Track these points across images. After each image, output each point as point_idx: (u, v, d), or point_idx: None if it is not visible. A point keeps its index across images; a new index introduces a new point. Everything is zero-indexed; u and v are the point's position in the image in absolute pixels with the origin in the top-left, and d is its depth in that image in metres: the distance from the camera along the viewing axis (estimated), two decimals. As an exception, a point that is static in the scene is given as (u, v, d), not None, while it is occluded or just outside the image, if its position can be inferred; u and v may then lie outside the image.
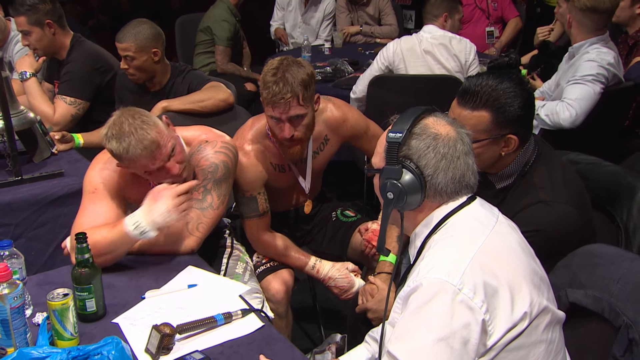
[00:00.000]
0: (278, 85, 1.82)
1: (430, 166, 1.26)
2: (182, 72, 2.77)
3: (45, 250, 2.28)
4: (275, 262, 2.13)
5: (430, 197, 1.29)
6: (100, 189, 1.81)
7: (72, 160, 2.51)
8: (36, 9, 2.78)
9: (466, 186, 1.30)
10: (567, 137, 2.62)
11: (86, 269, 1.50)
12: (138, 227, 1.68)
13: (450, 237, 1.26)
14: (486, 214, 1.31)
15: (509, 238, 1.29)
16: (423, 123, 1.29)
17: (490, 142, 1.61)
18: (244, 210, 2.07)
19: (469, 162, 1.30)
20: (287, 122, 1.88)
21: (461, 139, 1.29)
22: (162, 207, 1.69)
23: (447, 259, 1.21)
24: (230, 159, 1.92)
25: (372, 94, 3.14)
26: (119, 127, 1.71)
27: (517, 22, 4.63)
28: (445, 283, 1.17)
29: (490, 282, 1.18)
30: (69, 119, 2.83)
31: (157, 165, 1.74)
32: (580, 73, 2.64)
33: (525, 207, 1.59)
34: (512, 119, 1.58)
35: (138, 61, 2.63)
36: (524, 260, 1.27)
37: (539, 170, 1.65)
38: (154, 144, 1.71)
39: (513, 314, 1.19)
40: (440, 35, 3.20)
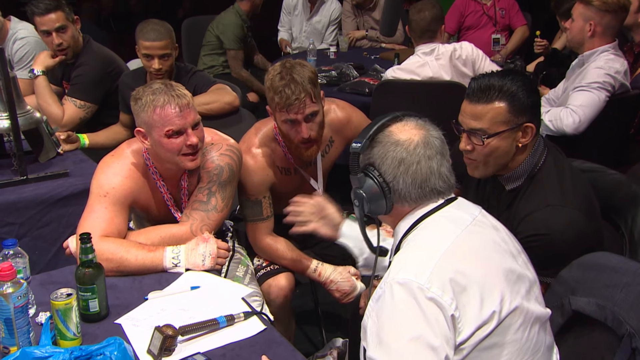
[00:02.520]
0: (289, 87, 1.84)
1: (389, 172, 1.30)
2: (188, 73, 2.78)
3: (49, 249, 2.29)
4: (276, 265, 2.13)
5: (397, 202, 1.32)
6: (112, 195, 1.80)
7: (77, 160, 2.51)
8: (66, 4, 2.79)
9: (432, 191, 1.31)
10: (571, 144, 2.62)
11: (90, 270, 1.50)
12: (175, 260, 1.73)
13: (420, 239, 1.29)
14: (460, 215, 1.32)
15: (483, 237, 1.30)
16: (387, 130, 1.32)
17: (508, 134, 1.61)
18: (247, 213, 2.07)
19: (433, 166, 1.30)
20: (303, 122, 1.89)
21: (426, 142, 1.30)
22: (204, 250, 1.75)
23: (415, 260, 1.24)
24: (235, 161, 1.92)
25: (376, 99, 3.14)
26: (151, 83, 1.81)
27: (525, 31, 4.62)
28: (412, 282, 1.19)
29: (458, 281, 1.20)
30: (77, 121, 2.84)
31: (181, 123, 1.75)
32: (587, 80, 2.63)
33: (534, 211, 1.58)
34: (526, 105, 1.61)
35: (172, 58, 2.67)
36: (497, 258, 1.27)
37: (549, 173, 1.65)
38: (185, 98, 1.76)
39: (482, 312, 1.20)
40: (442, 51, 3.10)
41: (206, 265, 1.75)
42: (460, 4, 4.64)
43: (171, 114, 1.74)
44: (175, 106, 1.74)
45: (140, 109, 1.77)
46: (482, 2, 4.61)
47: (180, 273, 1.74)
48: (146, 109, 1.75)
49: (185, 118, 1.75)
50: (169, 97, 1.74)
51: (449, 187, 1.33)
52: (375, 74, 3.71)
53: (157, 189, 1.90)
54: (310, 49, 4.32)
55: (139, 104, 1.77)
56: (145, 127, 1.79)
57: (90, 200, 1.82)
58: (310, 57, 4.18)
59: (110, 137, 2.81)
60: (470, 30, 4.64)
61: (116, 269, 1.70)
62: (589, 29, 2.65)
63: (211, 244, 1.77)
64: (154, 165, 1.87)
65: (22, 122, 2.25)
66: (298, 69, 1.87)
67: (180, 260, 1.74)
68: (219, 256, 1.78)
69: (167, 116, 1.74)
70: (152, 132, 1.78)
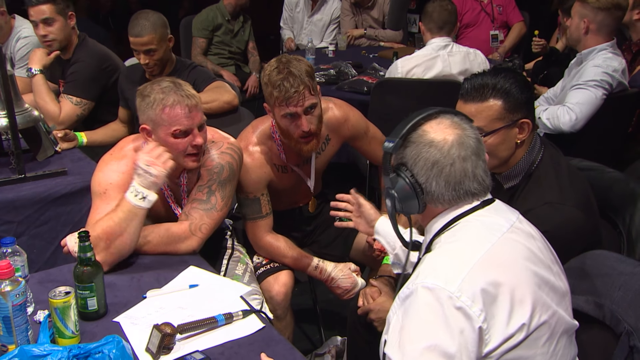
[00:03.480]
0: (288, 80, 1.84)
1: (422, 174, 1.26)
2: (187, 67, 2.77)
3: (47, 248, 2.28)
4: (276, 263, 2.13)
5: (430, 203, 1.29)
6: (111, 189, 1.80)
7: (75, 158, 2.51)
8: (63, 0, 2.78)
9: (467, 193, 1.27)
10: (569, 142, 2.62)
11: (88, 268, 1.50)
12: (137, 193, 1.70)
13: (454, 242, 1.26)
14: (497, 220, 1.28)
15: (519, 246, 1.26)
16: (421, 129, 1.28)
17: (505, 131, 1.62)
18: (246, 211, 2.07)
19: (468, 167, 1.26)
20: (303, 115, 1.90)
21: (461, 142, 1.26)
22: (141, 168, 1.71)
23: (447, 265, 1.21)
24: (236, 160, 1.92)
25: (375, 98, 3.14)
26: (160, 80, 1.79)
27: (521, 27, 4.63)
28: (442, 290, 1.16)
29: (490, 291, 1.17)
30: (74, 118, 2.83)
31: (189, 124, 1.75)
32: (584, 78, 2.64)
33: (532, 208, 1.58)
34: (520, 101, 1.61)
35: (159, 53, 2.65)
36: (531, 269, 1.24)
37: (546, 171, 1.65)
38: (194, 99, 1.77)
39: (510, 324, 1.18)
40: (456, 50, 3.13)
41: (157, 173, 1.70)
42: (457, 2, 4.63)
43: (180, 114, 1.74)
44: (185, 107, 1.74)
45: (148, 107, 1.76)
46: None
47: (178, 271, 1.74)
48: (154, 106, 1.75)
49: (193, 119, 1.76)
50: (178, 97, 1.74)
51: (484, 189, 1.29)
52: (373, 72, 3.71)
53: None
54: (309, 47, 4.33)
55: (146, 101, 1.76)
56: (151, 125, 1.79)
57: (92, 201, 1.83)
58: (308, 56, 4.19)
59: (108, 135, 2.82)
60: (469, 28, 4.64)
61: (111, 240, 1.67)
62: (583, 27, 2.66)
63: (140, 158, 1.72)
64: None
65: (20, 121, 2.25)
66: (295, 63, 1.88)
67: (140, 190, 1.70)
68: (157, 156, 1.72)
69: (176, 116, 1.74)
70: (158, 130, 1.78)
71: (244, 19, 4.73)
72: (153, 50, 2.63)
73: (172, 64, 2.75)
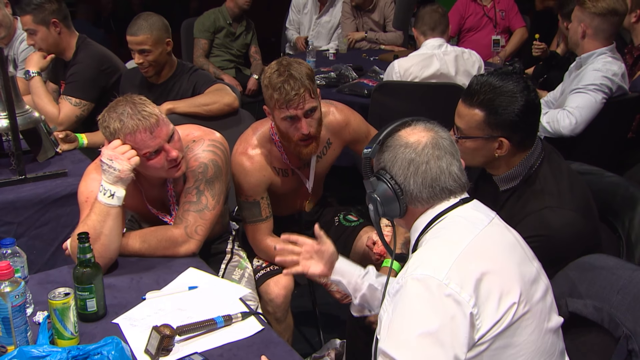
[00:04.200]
0: (288, 83, 1.84)
1: (400, 174, 1.32)
2: (188, 70, 2.78)
3: (47, 249, 2.29)
4: (276, 266, 2.11)
5: (410, 204, 1.34)
6: (92, 197, 1.78)
7: (75, 160, 2.51)
8: (42, 7, 2.79)
9: (443, 190, 1.32)
10: (568, 146, 2.62)
11: (88, 269, 1.50)
12: (105, 191, 1.69)
13: (438, 236, 1.30)
14: (478, 215, 1.33)
15: (500, 238, 1.32)
16: (397, 135, 1.35)
17: (483, 141, 1.63)
18: (246, 215, 2.07)
19: (443, 165, 1.31)
20: (303, 118, 1.90)
21: (435, 143, 1.32)
22: (104, 165, 1.69)
23: (433, 256, 1.25)
24: (220, 156, 1.90)
25: (375, 100, 3.14)
26: (115, 105, 1.73)
27: (523, 33, 4.63)
28: (431, 278, 1.20)
29: (477, 277, 1.20)
30: (73, 119, 2.84)
31: (156, 143, 1.71)
32: (584, 82, 2.64)
33: (531, 213, 1.59)
34: (504, 123, 1.60)
35: (154, 54, 2.65)
36: (515, 259, 1.29)
37: (545, 174, 1.65)
38: (152, 117, 1.70)
39: (500, 306, 1.21)
40: (451, 49, 3.19)
41: (120, 168, 1.68)
42: (460, 6, 4.66)
43: (143, 138, 1.69)
44: (145, 129, 1.68)
45: (112, 137, 1.72)
46: (483, 3, 4.63)
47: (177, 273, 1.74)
48: (117, 136, 1.71)
49: (158, 137, 1.71)
50: (136, 122, 1.68)
51: (460, 186, 1.34)
52: (374, 75, 3.72)
53: (139, 192, 1.89)
54: (310, 50, 4.33)
55: (108, 131, 1.73)
56: None
57: (80, 213, 1.83)
58: (309, 58, 4.20)
59: None
60: (471, 32, 4.65)
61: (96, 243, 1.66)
62: (580, 31, 2.67)
63: (103, 154, 1.70)
64: (137, 171, 1.84)
65: (20, 122, 2.25)
66: (295, 66, 1.88)
67: (107, 187, 1.69)
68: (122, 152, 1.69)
69: (141, 141, 1.70)
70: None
71: (247, 23, 4.74)
72: (147, 50, 2.64)
73: (171, 68, 2.76)
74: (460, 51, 3.22)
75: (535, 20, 4.89)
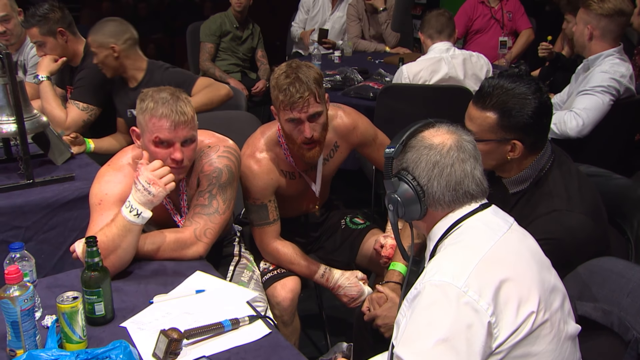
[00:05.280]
0: (294, 85, 1.85)
1: (424, 176, 1.31)
2: (160, 68, 2.81)
3: (55, 253, 2.29)
4: (283, 269, 2.13)
5: (431, 206, 1.33)
6: (106, 200, 1.81)
7: (83, 164, 2.52)
8: (47, 18, 2.81)
9: (466, 194, 1.31)
10: (576, 148, 2.61)
11: (96, 273, 1.51)
12: (132, 209, 1.69)
13: (458, 242, 1.29)
14: (497, 222, 1.32)
15: (519, 245, 1.30)
16: (420, 135, 1.34)
17: (495, 144, 1.62)
18: (254, 218, 2.07)
19: (467, 168, 1.30)
20: (307, 122, 1.90)
21: (459, 146, 1.31)
22: (140, 186, 1.71)
23: (452, 262, 1.24)
24: (234, 162, 1.93)
25: (381, 103, 3.14)
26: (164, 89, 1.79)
27: (530, 34, 4.62)
28: (449, 285, 1.19)
29: (496, 285, 1.19)
30: (80, 124, 2.85)
31: (170, 136, 1.75)
32: (591, 84, 2.63)
33: (540, 216, 1.58)
34: (518, 125, 1.59)
35: (98, 57, 2.72)
36: (533, 267, 1.27)
37: (555, 177, 1.64)
38: (184, 116, 1.75)
39: (518, 315, 1.20)
40: (459, 53, 3.18)
41: (155, 193, 1.70)
42: (468, 8, 4.65)
43: (164, 125, 1.74)
44: (171, 121, 1.73)
45: (141, 111, 1.78)
46: (490, 5, 4.62)
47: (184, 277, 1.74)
48: (145, 113, 1.77)
49: (176, 132, 1.75)
50: (168, 111, 1.73)
51: (482, 192, 1.33)
52: (379, 78, 3.72)
53: None
54: (315, 53, 4.33)
55: (141, 105, 1.78)
56: (140, 128, 1.82)
57: (90, 213, 1.84)
58: (314, 62, 4.19)
59: (114, 144, 2.84)
60: (478, 34, 4.64)
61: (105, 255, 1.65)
62: (587, 33, 2.65)
63: (142, 174, 1.71)
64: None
65: (28, 126, 2.26)
66: (304, 69, 1.88)
67: (135, 206, 1.69)
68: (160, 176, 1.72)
69: (161, 127, 1.74)
70: (144, 135, 1.80)
71: (253, 26, 4.75)
72: (93, 52, 2.72)
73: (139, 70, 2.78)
74: (468, 54, 3.21)
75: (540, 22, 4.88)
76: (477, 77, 3.17)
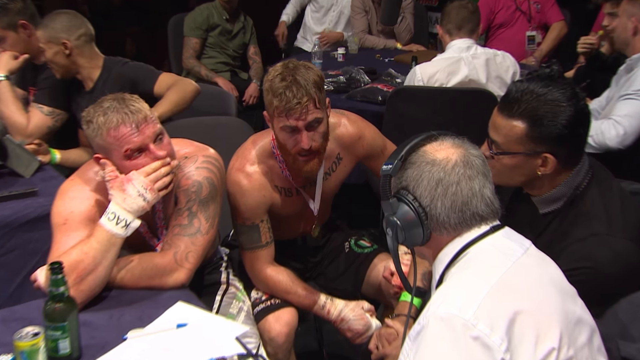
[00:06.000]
0: (291, 89, 1.85)
1: (426, 195, 1.32)
2: (117, 64, 2.83)
3: (12, 280, 2.28)
4: (277, 299, 2.13)
5: (436, 230, 1.34)
6: (72, 219, 1.81)
7: (46, 177, 2.52)
8: (6, 9, 2.82)
9: (474, 216, 1.32)
10: (617, 162, 2.61)
11: (61, 304, 1.50)
12: (118, 220, 1.70)
13: (465, 269, 1.29)
14: (511, 245, 1.33)
15: (537, 271, 1.31)
16: (421, 150, 1.35)
17: (524, 158, 1.63)
18: (243, 240, 2.08)
19: (475, 187, 1.31)
20: (304, 130, 1.90)
21: (466, 161, 1.32)
22: (134, 191, 1.72)
23: (459, 292, 1.24)
24: (215, 174, 1.93)
25: (391, 108, 3.15)
26: (102, 100, 1.79)
27: (562, 27, 4.63)
28: (456, 317, 1.19)
29: (510, 317, 1.19)
30: (44, 131, 2.85)
31: (140, 139, 1.75)
32: (635, 87, 2.64)
33: (575, 240, 1.58)
34: (550, 136, 1.59)
35: (48, 53, 2.74)
36: (554, 296, 1.27)
37: (593, 196, 1.65)
38: (140, 113, 1.76)
39: (537, 351, 1.19)
40: (481, 52, 3.18)
41: (149, 199, 1.73)
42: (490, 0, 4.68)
43: (126, 132, 1.74)
44: (131, 124, 1.74)
45: (94, 134, 1.77)
46: None
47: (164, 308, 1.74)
48: (99, 132, 1.75)
49: (143, 134, 1.76)
50: (122, 116, 1.74)
51: (492, 212, 1.34)
52: (389, 79, 3.74)
53: None
54: (315, 51, 4.34)
55: (91, 128, 1.77)
56: (103, 153, 1.80)
57: (53, 234, 1.83)
58: (315, 60, 4.20)
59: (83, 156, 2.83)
60: (502, 29, 4.65)
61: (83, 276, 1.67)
62: (631, 27, 2.67)
63: (136, 179, 1.74)
64: None
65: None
66: (302, 71, 1.89)
67: (124, 216, 1.71)
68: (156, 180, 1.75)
69: (123, 136, 1.74)
70: (111, 156, 1.79)
71: (245, 19, 4.78)
72: (42, 48, 2.73)
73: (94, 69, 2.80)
74: (492, 54, 3.21)
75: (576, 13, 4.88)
76: (501, 80, 3.17)
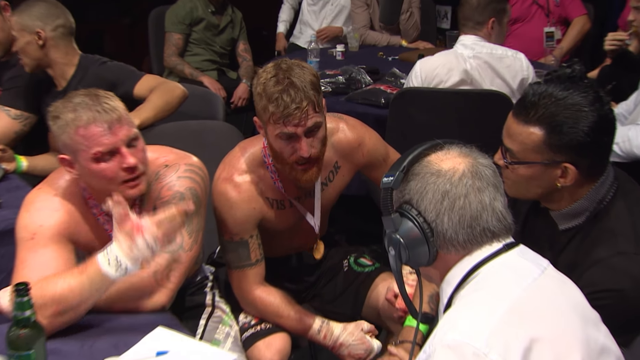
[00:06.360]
0: (288, 93, 1.84)
1: (431, 209, 1.32)
2: (94, 63, 2.82)
3: (-27, 302, 2.27)
4: (268, 324, 2.13)
5: (442, 248, 1.34)
6: (41, 233, 1.79)
7: (12, 187, 2.52)
8: None
9: (484, 232, 1.32)
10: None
11: (26, 330, 1.49)
12: (119, 265, 1.67)
13: (476, 292, 1.29)
14: (527, 265, 1.33)
15: (556, 294, 1.31)
16: (425, 160, 1.36)
17: (542, 167, 1.63)
18: (231, 258, 2.07)
19: (485, 200, 1.31)
20: (303, 137, 1.90)
21: (474, 172, 1.32)
22: (143, 245, 1.67)
23: (469, 317, 1.24)
24: (199, 184, 1.93)
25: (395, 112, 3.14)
26: (74, 95, 1.78)
27: (584, 23, 4.64)
28: (466, 346, 1.19)
29: (526, 345, 1.19)
30: (11, 136, 2.84)
31: (111, 141, 1.74)
32: None
33: (600, 260, 1.58)
34: (571, 144, 1.59)
35: (19, 42, 2.72)
36: (575, 322, 1.27)
37: (619, 210, 1.65)
38: (115, 112, 1.76)
39: None
40: (486, 52, 3.16)
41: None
42: None
43: (97, 132, 1.73)
44: (103, 123, 1.74)
45: (60, 131, 1.76)
46: None
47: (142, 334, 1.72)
48: (67, 129, 1.75)
49: (115, 135, 1.75)
50: (93, 114, 1.73)
51: (505, 228, 1.34)
52: (393, 80, 3.75)
53: (100, 226, 1.89)
54: (312, 48, 4.36)
55: (58, 124, 1.77)
56: (68, 153, 1.79)
57: (17, 251, 1.82)
58: (311, 59, 4.22)
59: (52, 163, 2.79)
60: (518, 24, 4.66)
61: (62, 311, 1.66)
62: None
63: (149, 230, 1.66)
64: (93, 197, 1.86)
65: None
66: (297, 72, 1.88)
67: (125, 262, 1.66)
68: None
69: (93, 136, 1.74)
70: (78, 158, 1.78)
71: (233, 12, 4.78)
72: (14, 36, 2.72)
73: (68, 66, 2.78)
74: (500, 54, 3.14)
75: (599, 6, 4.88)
76: (505, 85, 3.12)
